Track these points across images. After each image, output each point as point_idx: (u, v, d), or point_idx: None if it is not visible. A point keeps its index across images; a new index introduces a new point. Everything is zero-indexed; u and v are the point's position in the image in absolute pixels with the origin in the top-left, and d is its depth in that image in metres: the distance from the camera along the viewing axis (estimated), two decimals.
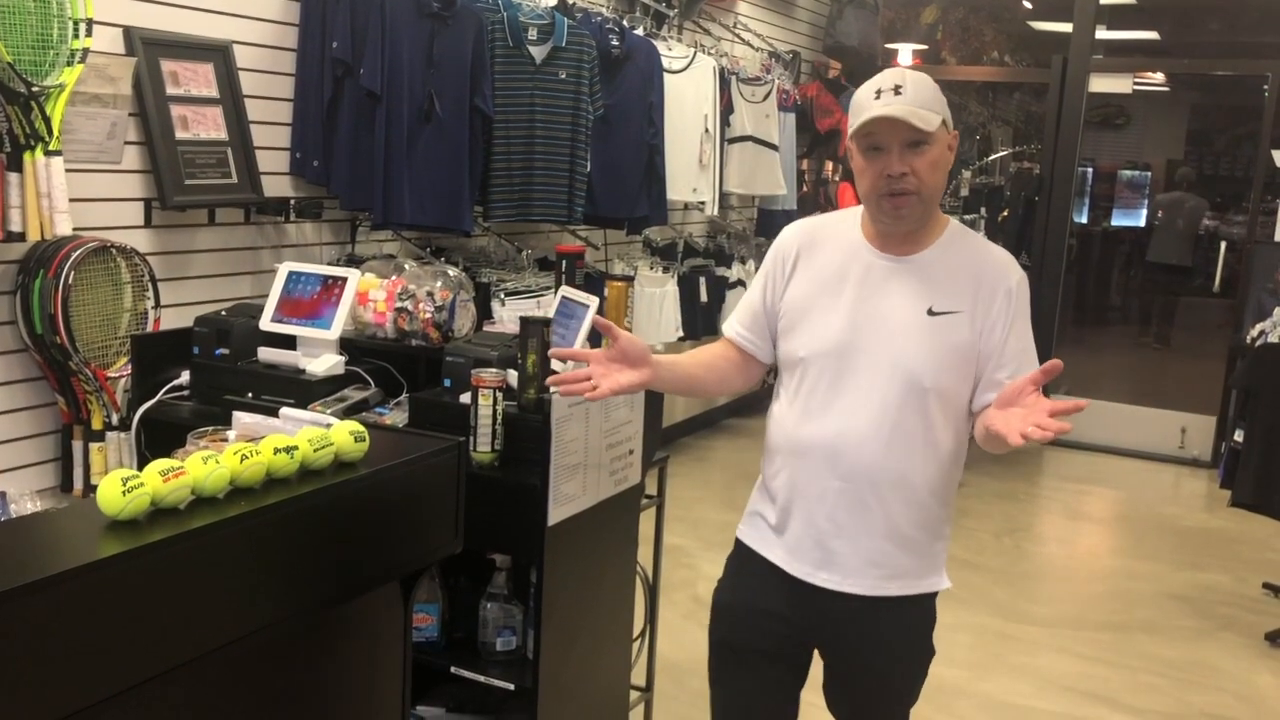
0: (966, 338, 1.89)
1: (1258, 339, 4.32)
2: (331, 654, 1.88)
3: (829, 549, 1.96)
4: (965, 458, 2.02)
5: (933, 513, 1.97)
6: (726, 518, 5.17)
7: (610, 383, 1.88)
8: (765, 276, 2.08)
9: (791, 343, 2.00)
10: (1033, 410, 1.69)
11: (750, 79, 5.76)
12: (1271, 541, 5.18)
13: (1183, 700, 3.70)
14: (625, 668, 2.93)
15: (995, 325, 1.89)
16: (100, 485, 1.50)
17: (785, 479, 2.02)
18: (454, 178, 3.77)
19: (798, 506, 1.99)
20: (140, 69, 3.05)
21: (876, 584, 1.96)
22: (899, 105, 1.82)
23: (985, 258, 1.95)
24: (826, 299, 1.96)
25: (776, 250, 2.07)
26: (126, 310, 3.02)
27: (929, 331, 1.89)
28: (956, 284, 1.91)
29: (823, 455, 1.94)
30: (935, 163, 1.86)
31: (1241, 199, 10.71)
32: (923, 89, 1.84)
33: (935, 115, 1.83)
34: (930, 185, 1.86)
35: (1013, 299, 1.90)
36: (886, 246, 1.94)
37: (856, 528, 1.94)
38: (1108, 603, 4.53)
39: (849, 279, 1.95)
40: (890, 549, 1.95)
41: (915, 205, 1.87)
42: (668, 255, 5.58)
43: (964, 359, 1.90)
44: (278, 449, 1.70)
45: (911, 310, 1.90)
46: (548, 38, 4.09)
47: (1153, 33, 9.48)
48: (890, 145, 1.83)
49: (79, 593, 1.37)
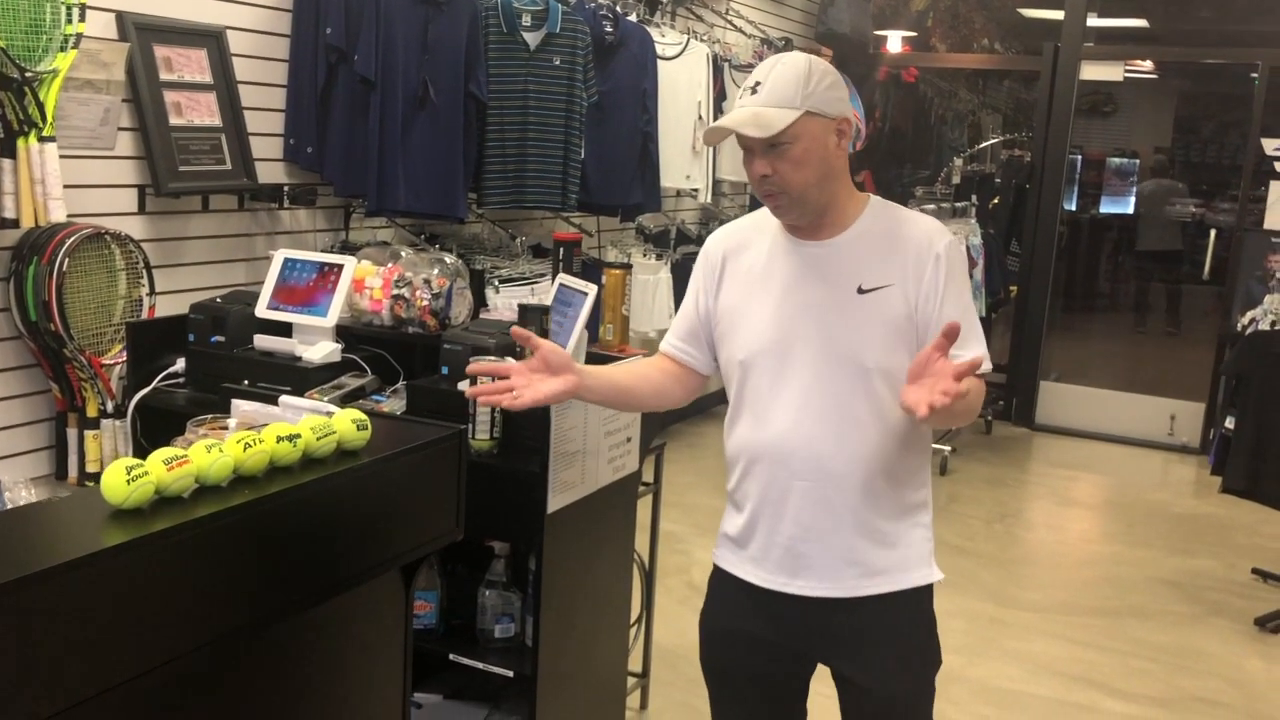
0: (901, 310, 1.82)
1: (1249, 326, 4.34)
2: (332, 642, 1.88)
3: (799, 554, 1.88)
4: (930, 438, 1.97)
5: (902, 500, 1.90)
6: (720, 504, 5.13)
7: (532, 393, 1.79)
8: (695, 286, 2.02)
9: (729, 348, 1.95)
10: (939, 377, 1.60)
11: (743, 66, 5.75)
12: (1260, 527, 5.21)
13: (1173, 685, 3.73)
14: (623, 654, 2.94)
15: (929, 294, 1.82)
16: (104, 474, 1.49)
17: (746, 489, 1.95)
18: (448, 164, 3.76)
19: (762, 515, 1.91)
20: (133, 54, 3.03)
21: (855, 584, 1.88)
22: (743, 110, 1.77)
23: (910, 228, 1.87)
24: (756, 298, 1.91)
25: (703, 259, 2.02)
26: (121, 297, 3.01)
27: (862, 309, 1.83)
28: (883, 258, 1.84)
29: (777, 457, 1.87)
30: (799, 161, 1.77)
31: (1229, 186, 10.75)
32: (782, 84, 1.76)
33: (788, 112, 1.74)
34: (797, 184, 1.78)
35: (942, 264, 1.82)
36: (803, 235, 1.88)
37: (824, 527, 1.86)
38: (1099, 588, 4.55)
39: (775, 274, 1.90)
40: (863, 545, 1.87)
41: (789, 204, 1.82)
42: (660, 242, 5.58)
43: (902, 333, 1.82)
44: (281, 437, 1.70)
45: (840, 291, 1.84)
46: (541, 24, 4.07)
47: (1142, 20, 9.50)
48: (752, 147, 1.79)
49: (86, 582, 1.36)
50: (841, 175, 1.85)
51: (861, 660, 1.92)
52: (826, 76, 1.80)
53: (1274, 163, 6.43)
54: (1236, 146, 11.90)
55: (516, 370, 1.82)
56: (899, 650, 1.92)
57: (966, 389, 1.59)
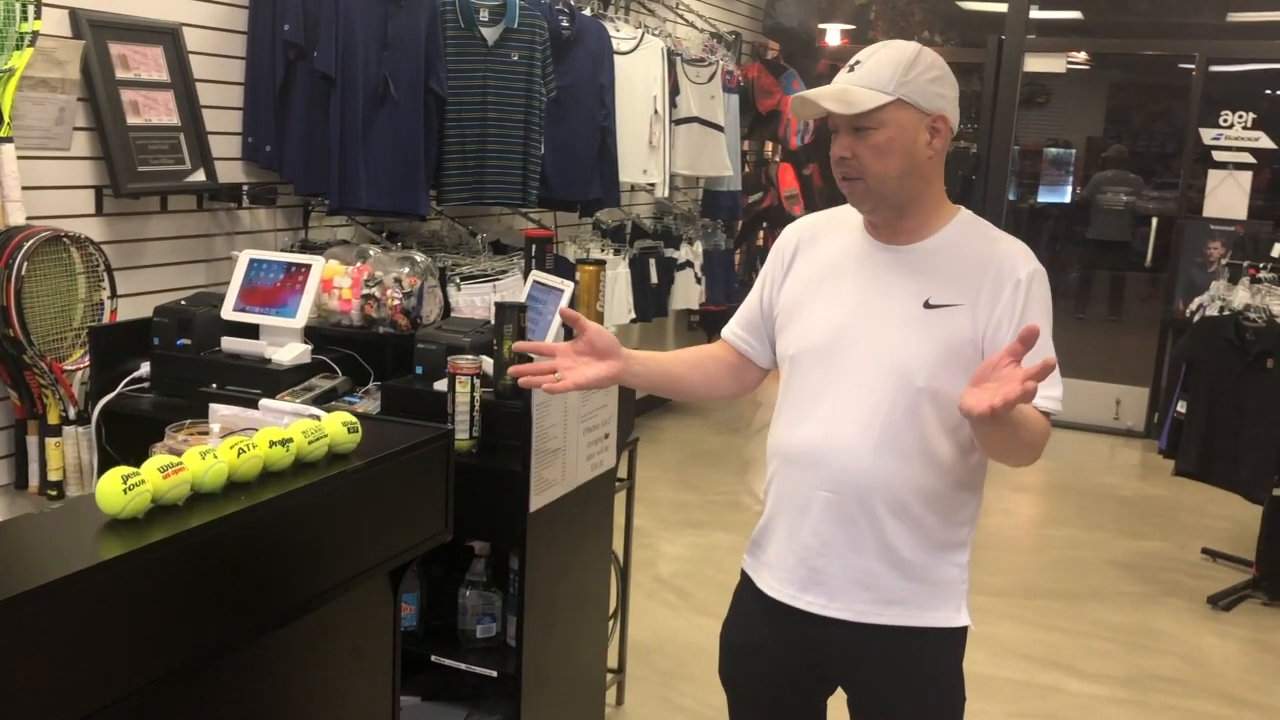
0: (967, 334, 1.71)
1: (1196, 312, 4.44)
2: (322, 650, 1.86)
3: (813, 567, 1.79)
4: (982, 476, 1.83)
5: (937, 534, 1.77)
6: (682, 497, 5.20)
7: (575, 375, 1.74)
8: (764, 275, 1.95)
9: (784, 340, 1.87)
10: (1005, 381, 1.48)
11: (695, 60, 5.76)
12: (1206, 508, 5.34)
13: (1133, 664, 3.81)
14: (602, 650, 2.95)
15: (1001, 320, 1.70)
16: (99, 483, 1.46)
17: (774, 489, 1.88)
18: (409, 161, 3.72)
19: (782, 519, 1.85)
20: (89, 52, 2.96)
21: (867, 609, 1.78)
22: (834, 84, 1.72)
23: (995, 247, 1.76)
24: (820, 293, 1.82)
25: (777, 248, 1.95)
26: (81, 301, 2.94)
27: (924, 326, 1.72)
28: (959, 275, 1.73)
29: (807, 462, 1.79)
30: (882, 149, 1.69)
31: (1160, 174, 11.00)
32: (881, 66, 1.69)
33: (877, 95, 1.67)
34: (875, 173, 1.70)
35: (1021, 290, 1.70)
36: (882, 236, 1.80)
37: (843, 544, 1.77)
38: (1056, 571, 4.64)
39: (845, 272, 1.81)
40: (882, 571, 1.76)
41: (863, 193, 1.74)
42: (617, 237, 5.57)
43: (963, 358, 1.69)
44: (273, 442, 1.68)
45: (906, 302, 1.74)
46: (499, 19, 4.04)
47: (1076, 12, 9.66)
48: (839, 127, 1.73)
49: (86, 595, 1.33)
50: (930, 177, 1.76)
51: (870, 695, 1.84)
52: (933, 69, 1.71)
53: (1212, 152, 6.59)
54: (1165, 135, 12.19)
55: (561, 351, 1.78)
56: (910, 693, 1.82)
57: (1032, 390, 1.45)
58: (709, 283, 6.23)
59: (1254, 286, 4.27)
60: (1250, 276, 4.33)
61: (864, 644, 1.81)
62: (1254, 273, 4.71)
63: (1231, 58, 7.63)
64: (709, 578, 4.29)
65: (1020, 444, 1.67)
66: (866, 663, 1.82)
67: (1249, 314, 4.09)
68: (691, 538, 4.72)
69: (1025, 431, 1.63)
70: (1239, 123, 6.49)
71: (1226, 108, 6.58)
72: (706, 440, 6.13)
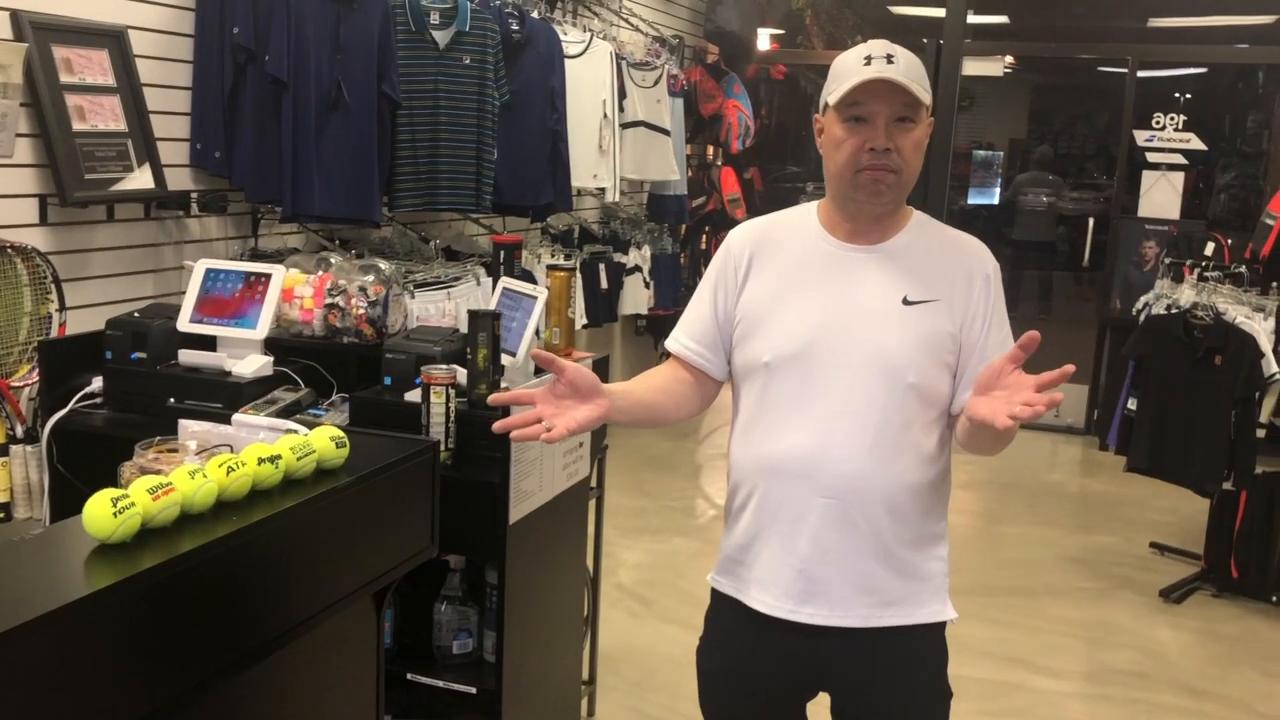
0: (946, 328, 1.74)
1: (1143, 311, 4.52)
2: (305, 674, 1.79)
3: (813, 578, 1.76)
4: (950, 470, 1.86)
5: (924, 528, 1.79)
6: (637, 503, 5.16)
7: (566, 421, 1.62)
8: (714, 283, 1.88)
9: (752, 348, 1.80)
10: (1016, 389, 1.54)
11: (640, 64, 5.73)
12: (1151, 502, 5.44)
13: (1093, 659, 3.86)
14: (577, 662, 2.91)
15: (976, 316, 1.76)
16: (88, 506, 1.39)
17: (755, 504, 1.81)
18: (363, 167, 3.64)
19: (772, 533, 1.79)
20: (31, 55, 2.85)
21: (869, 614, 1.77)
22: (894, 71, 1.68)
23: (959, 244, 1.82)
24: (788, 298, 1.79)
25: (726, 254, 1.88)
26: (27, 314, 2.83)
27: (906, 321, 1.73)
28: (931, 271, 1.76)
29: (800, 470, 1.74)
30: (918, 143, 1.72)
31: (1082, 175, 11.23)
32: (915, 66, 1.72)
33: (926, 92, 1.71)
34: (911, 167, 1.73)
35: (990, 285, 1.78)
36: (851, 236, 1.79)
37: (844, 550, 1.74)
38: (1011, 568, 4.69)
39: (811, 275, 1.79)
40: (880, 572, 1.76)
41: (893, 186, 1.72)
42: (566, 242, 5.53)
43: (944, 351, 1.74)
44: (262, 459, 1.61)
45: (885, 299, 1.74)
46: (450, 22, 3.98)
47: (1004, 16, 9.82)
48: (876, 117, 1.69)
49: (78, 625, 1.26)
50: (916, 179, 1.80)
51: (867, 698, 1.83)
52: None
53: (1145, 153, 6.74)
54: (1086, 137, 12.46)
55: (541, 398, 1.66)
56: (907, 690, 1.82)
57: (1061, 397, 1.51)
58: (657, 287, 6.21)
59: (1200, 285, 4.35)
60: (1198, 275, 4.42)
61: (863, 649, 1.79)
62: (1187, 272, 4.82)
63: (1161, 61, 7.80)
64: (670, 584, 4.26)
65: (1006, 440, 1.72)
66: (864, 665, 1.81)
67: (1196, 312, 4.17)
68: (650, 544, 4.69)
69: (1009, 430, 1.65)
70: (1171, 124, 6.64)
71: (1156, 110, 6.73)
72: (657, 445, 6.10)
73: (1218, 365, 4.07)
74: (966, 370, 1.75)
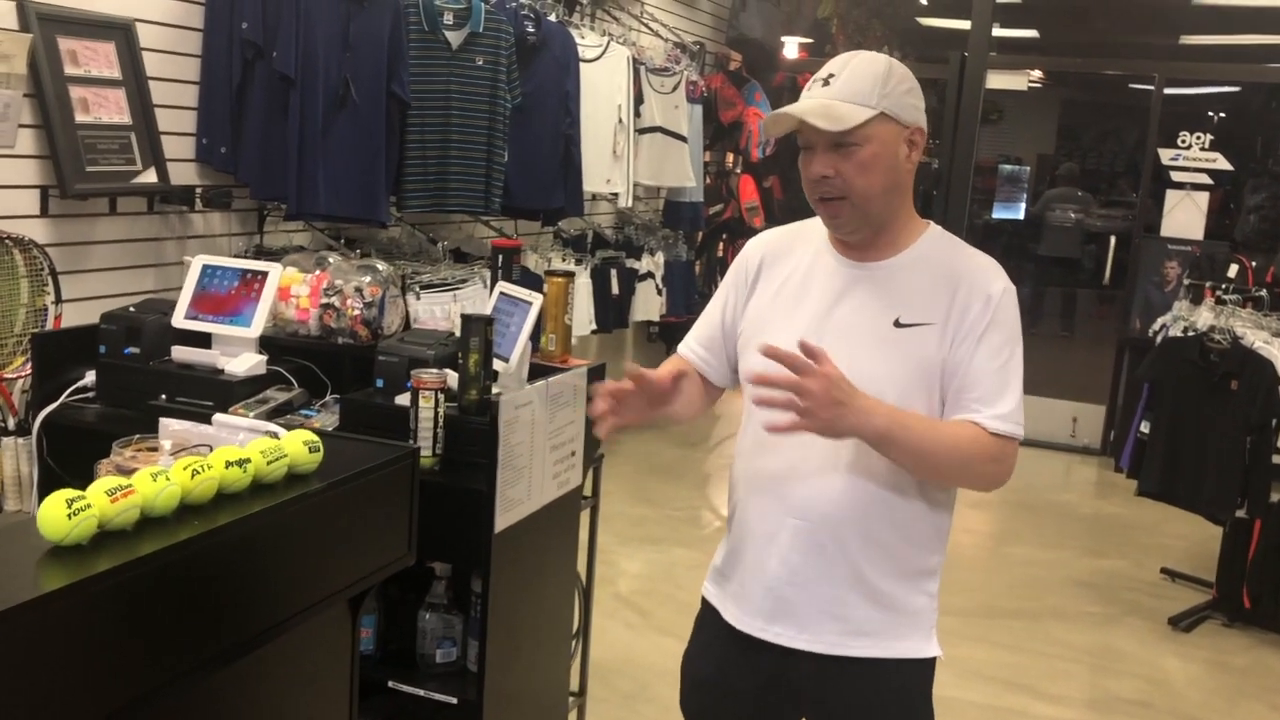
0: (934, 353, 1.67)
1: (1159, 333, 4.44)
2: (278, 681, 1.76)
3: (780, 597, 1.73)
4: (951, 502, 1.79)
5: (908, 561, 1.73)
6: (639, 512, 5.12)
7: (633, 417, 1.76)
8: (725, 291, 1.89)
9: (747, 360, 1.79)
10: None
11: (659, 69, 5.70)
12: (1163, 527, 5.35)
13: (1098, 686, 3.79)
14: (564, 674, 2.86)
15: (966, 334, 1.67)
16: (42, 507, 1.36)
17: (738, 517, 1.81)
18: (370, 166, 3.62)
19: (747, 548, 1.78)
20: (36, 46, 2.84)
21: (838, 641, 1.72)
22: (813, 100, 1.65)
23: (965, 263, 1.73)
24: (784, 312, 1.77)
25: (739, 264, 1.88)
26: (23, 305, 2.81)
27: (894, 345, 1.68)
28: (929, 293, 1.69)
29: (774, 489, 1.73)
30: (867, 165, 1.63)
31: (1106, 192, 11.11)
32: (858, 79, 1.64)
33: (862, 110, 1.62)
34: (860, 190, 1.65)
35: (990, 307, 1.67)
36: (850, 252, 1.75)
37: (812, 573, 1.71)
38: (1017, 591, 4.62)
39: (810, 289, 1.76)
40: (854, 600, 1.71)
41: (849, 213, 1.67)
42: (578, 247, 5.50)
43: (929, 377, 1.68)
44: (229, 462, 1.58)
45: (875, 321, 1.69)
46: (464, 23, 3.96)
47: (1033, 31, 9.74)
48: (815, 144, 1.66)
49: (26, 630, 1.23)
50: (906, 192, 1.72)
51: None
52: (905, 80, 1.68)
53: (1170, 172, 6.64)
54: (1115, 154, 12.34)
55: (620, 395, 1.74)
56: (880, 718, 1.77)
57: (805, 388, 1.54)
58: (670, 294, 6.17)
59: (1218, 308, 4.27)
60: (1216, 298, 4.34)
61: (833, 676, 1.76)
62: (1210, 294, 4.73)
63: (1189, 79, 7.71)
64: (669, 595, 4.21)
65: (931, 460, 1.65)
66: (835, 695, 1.77)
67: (1213, 335, 4.09)
68: (650, 554, 4.65)
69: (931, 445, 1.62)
70: (1197, 143, 6.55)
71: (1183, 128, 6.64)
72: (664, 454, 6.06)
73: (1233, 390, 3.99)
74: (949, 393, 1.69)
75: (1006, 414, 1.66)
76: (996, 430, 1.65)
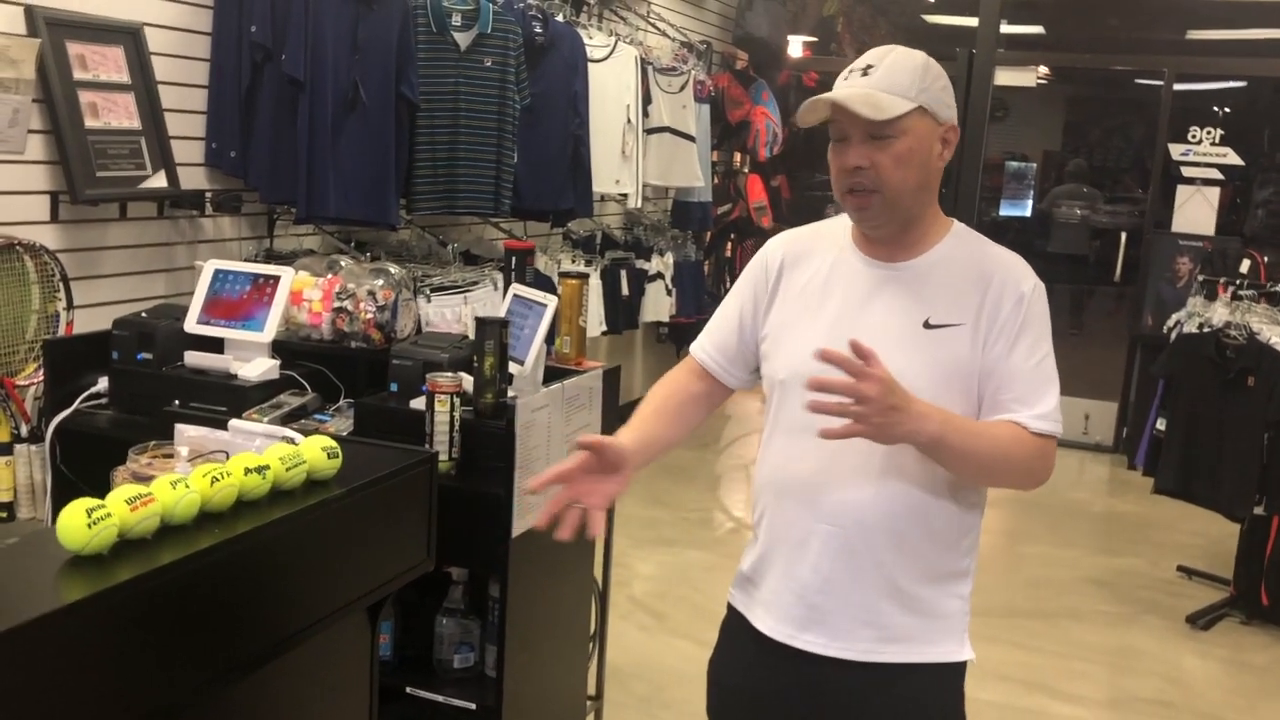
0: (966, 354, 1.65)
1: (1174, 329, 4.41)
2: (295, 689, 1.74)
3: (812, 605, 1.71)
4: (982, 504, 1.76)
5: (940, 564, 1.71)
6: (652, 513, 5.10)
7: (599, 500, 1.68)
8: (745, 291, 1.85)
9: (772, 364, 1.77)
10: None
11: (666, 69, 5.68)
12: (1179, 524, 5.32)
13: (1116, 685, 3.76)
14: (581, 678, 2.84)
15: (1000, 335, 1.65)
16: (61, 515, 1.34)
17: (766, 523, 1.78)
18: (380, 169, 3.60)
19: (777, 555, 1.75)
20: (45, 51, 2.82)
21: (871, 648, 1.70)
22: (853, 88, 1.61)
23: (994, 262, 1.70)
24: (809, 314, 1.74)
25: (760, 263, 1.84)
26: (35, 312, 2.80)
27: (925, 347, 1.65)
28: (959, 292, 1.66)
29: (804, 494, 1.70)
30: (902, 157, 1.61)
31: (1118, 188, 11.06)
32: (900, 70, 1.62)
33: (902, 102, 1.60)
34: (894, 184, 1.62)
35: (1023, 306, 1.65)
36: (876, 252, 1.72)
37: (845, 580, 1.68)
38: (1032, 590, 4.59)
39: (834, 291, 1.73)
40: (887, 607, 1.68)
41: (879, 207, 1.64)
42: (587, 248, 5.47)
43: (963, 378, 1.65)
44: (249, 469, 1.56)
45: (904, 323, 1.67)
46: (472, 24, 3.94)
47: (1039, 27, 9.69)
48: (850, 134, 1.63)
49: (47, 640, 1.21)
50: (935, 190, 1.70)
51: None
52: (941, 77, 1.67)
53: (1181, 167, 6.61)
54: (1121, 150, 12.29)
55: (571, 477, 1.67)
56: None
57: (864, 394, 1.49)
58: (679, 295, 6.15)
59: (1233, 303, 4.24)
60: (1232, 294, 4.30)
61: (865, 683, 1.72)
62: (1222, 290, 4.70)
63: (1199, 74, 7.66)
64: (683, 598, 4.19)
65: (977, 463, 1.63)
66: (867, 701, 1.74)
67: (1230, 331, 4.06)
68: (664, 556, 4.62)
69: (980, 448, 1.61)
70: (1207, 138, 6.51)
71: (1191, 124, 6.60)
72: (676, 455, 6.03)
73: (1250, 387, 3.96)
74: (986, 395, 1.67)
75: (1046, 413, 1.65)
76: (1038, 430, 1.64)
